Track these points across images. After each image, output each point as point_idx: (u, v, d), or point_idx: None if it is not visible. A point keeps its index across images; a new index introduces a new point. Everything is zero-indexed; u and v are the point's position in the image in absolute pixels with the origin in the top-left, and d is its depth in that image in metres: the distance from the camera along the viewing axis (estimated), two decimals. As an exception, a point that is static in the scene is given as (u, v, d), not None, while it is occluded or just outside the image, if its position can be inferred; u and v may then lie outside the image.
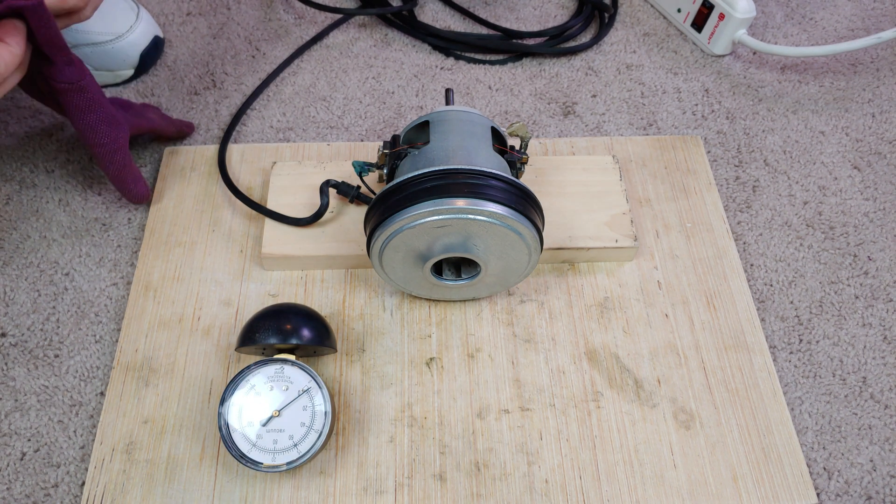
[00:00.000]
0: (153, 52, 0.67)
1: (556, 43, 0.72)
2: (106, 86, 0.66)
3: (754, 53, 0.72)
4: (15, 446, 0.48)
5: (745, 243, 0.59)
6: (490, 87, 0.69)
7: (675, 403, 0.50)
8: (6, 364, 0.51)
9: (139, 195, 0.57)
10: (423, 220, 0.43)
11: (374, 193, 0.56)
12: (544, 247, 0.53)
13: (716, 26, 0.70)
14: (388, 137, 0.64)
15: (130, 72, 0.66)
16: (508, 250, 0.46)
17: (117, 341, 0.52)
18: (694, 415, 0.50)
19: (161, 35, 0.68)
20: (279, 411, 0.45)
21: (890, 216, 0.61)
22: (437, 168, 0.44)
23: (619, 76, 0.70)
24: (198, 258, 0.55)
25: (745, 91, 0.69)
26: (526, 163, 0.52)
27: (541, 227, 0.47)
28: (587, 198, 0.57)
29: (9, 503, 0.46)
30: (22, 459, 0.47)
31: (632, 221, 0.56)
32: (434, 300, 0.54)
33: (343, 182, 0.55)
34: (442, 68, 0.70)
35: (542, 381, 0.51)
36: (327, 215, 0.55)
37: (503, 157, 0.50)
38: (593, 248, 0.54)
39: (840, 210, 0.61)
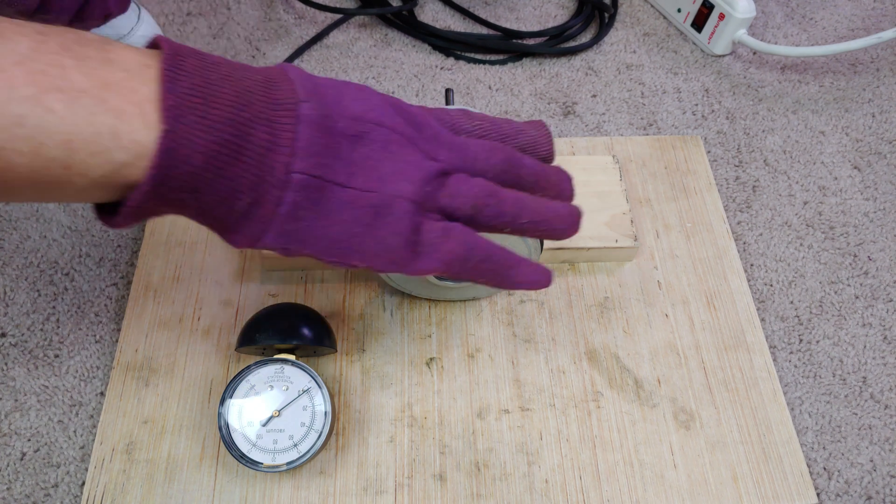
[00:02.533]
0: (153, 53, 0.67)
1: (556, 43, 0.72)
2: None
3: (754, 53, 0.72)
4: (15, 446, 0.48)
5: (745, 243, 0.59)
6: (490, 87, 0.69)
7: (675, 403, 0.50)
8: (6, 364, 0.51)
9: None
10: (423, 220, 0.43)
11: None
12: (544, 247, 0.53)
13: (716, 26, 0.70)
14: (388, 137, 0.64)
15: (130, 72, 0.66)
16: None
17: (117, 341, 0.52)
18: (694, 415, 0.50)
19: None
20: (279, 411, 0.45)
21: (890, 216, 0.61)
22: None
23: (619, 76, 0.70)
24: (198, 258, 0.55)
25: (745, 91, 0.69)
26: (526, 163, 0.52)
27: None
28: (587, 198, 0.57)
29: (9, 503, 0.46)
30: (22, 459, 0.47)
31: (632, 221, 0.56)
32: (434, 300, 0.54)
33: (343, 182, 0.55)
34: (442, 68, 0.70)
35: (542, 381, 0.51)
36: (327, 215, 0.55)
37: (503, 157, 0.50)
38: (593, 248, 0.54)
39: (840, 210, 0.61)
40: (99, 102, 0.26)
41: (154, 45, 0.30)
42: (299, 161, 0.29)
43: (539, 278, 0.37)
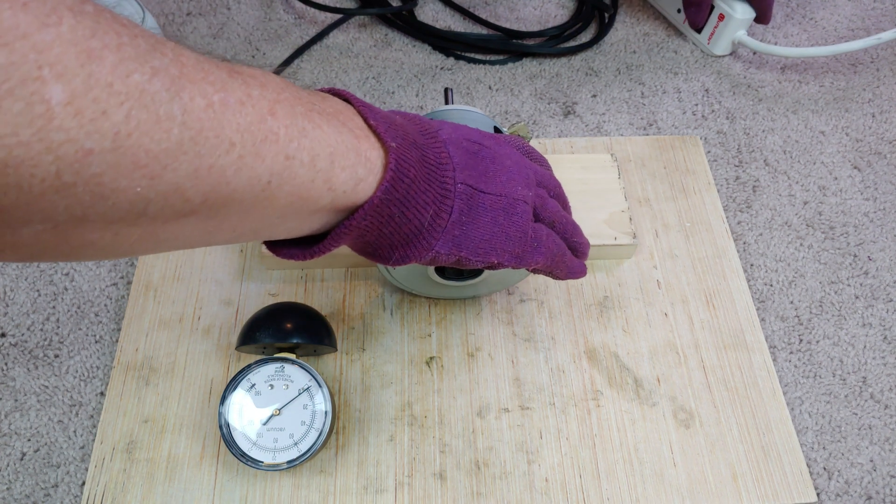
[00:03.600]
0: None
1: (556, 43, 0.72)
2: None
3: (754, 53, 0.72)
4: (15, 446, 0.48)
5: (745, 243, 0.59)
6: (490, 87, 0.69)
7: (675, 402, 0.50)
8: (6, 364, 0.51)
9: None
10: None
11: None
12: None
13: (716, 27, 0.70)
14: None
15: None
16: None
17: (117, 341, 0.52)
18: (693, 413, 0.50)
19: (163, 39, 0.68)
20: (280, 410, 0.45)
21: (890, 216, 0.61)
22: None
23: (619, 76, 0.70)
24: (198, 257, 0.55)
25: (745, 91, 0.69)
26: (526, 162, 0.52)
27: None
28: (586, 196, 0.57)
29: (9, 503, 0.46)
30: (22, 459, 0.47)
31: (630, 219, 0.56)
32: (434, 298, 0.54)
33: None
34: (442, 68, 0.70)
35: (542, 380, 0.51)
36: (327, 215, 0.55)
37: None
38: (592, 246, 0.54)
39: (840, 210, 0.61)
40: (341, 124, 0.30)
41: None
42: (459, 173, 0.34)
43: (583, 269, 0.44)
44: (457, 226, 0.34)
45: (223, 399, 0.44)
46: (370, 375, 0.50)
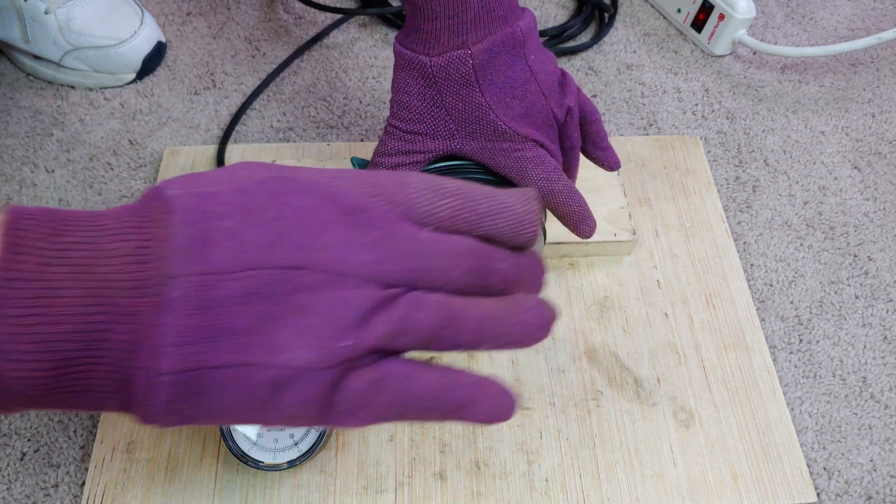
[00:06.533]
0: (156, 57, 0.67)
1: (556, 43, 0.72)
2: (106, 88, 0.66)
3: (754, 53, 0.72)
4: (15, 446, 0.48)
5: (745, 243, 0.59)
6: (490, 87, 0.69)
7: (675, 402, 0.50)
8: (7, 363, 0.51)
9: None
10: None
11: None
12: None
13: (716, 26, 0.70)
14: (389, 137, 0.64)
15: (132, 76, 0.66)
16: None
17: (117, 341, 0.52)
18: (693, 413, 0.50)
19: (164, 40, 0.68)
20: (279, 410, 0.45)
21: (890, 216, 0.61)
22: (438, 165, 0.44)
23: (619, 76, 0.70)
24: (198, 258, 0.55)
25: (745, 91, 0.69)
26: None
27: (543, 220, 0.47)
28: (585, 192, 0.56)
29: (9, 503, 0.46)
30: (22, 459, 0.47)
31: (630, 215, 0.56)
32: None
33: (343, 182, 0.55)
34: (442, 68, 0.70)
35: (542, 380, 0.51)
36: (327, 215, 0.55)
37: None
38: (592, 243, 0.54)
39: (840, 210, 0.61)
40: None
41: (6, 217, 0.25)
42: (165, 361, 0.24)
43: (498, 412, 0.29)
44: (172, 412, 0.26)
45: (223, 399, 0.44)
46: (370, 375, 0.50)
